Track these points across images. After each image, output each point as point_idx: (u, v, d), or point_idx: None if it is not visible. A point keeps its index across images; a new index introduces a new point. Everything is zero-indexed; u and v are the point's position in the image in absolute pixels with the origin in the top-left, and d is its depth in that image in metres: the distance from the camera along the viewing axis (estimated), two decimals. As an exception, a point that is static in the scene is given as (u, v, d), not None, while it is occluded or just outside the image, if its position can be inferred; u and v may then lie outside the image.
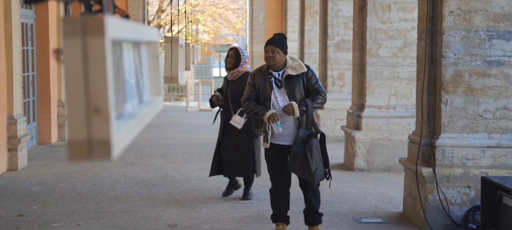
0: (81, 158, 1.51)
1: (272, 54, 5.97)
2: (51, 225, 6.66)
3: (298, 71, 5.96)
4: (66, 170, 9.74)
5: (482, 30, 6.44)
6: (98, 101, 1.51)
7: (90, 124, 1.51)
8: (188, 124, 16.95)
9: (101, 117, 1.51)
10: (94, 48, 1.50)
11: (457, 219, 6.53)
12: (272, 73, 6.02)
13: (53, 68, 12.68)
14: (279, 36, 6.14)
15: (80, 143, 1.51)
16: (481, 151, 6.53)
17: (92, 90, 1.51)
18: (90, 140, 1.51)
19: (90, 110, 1.51)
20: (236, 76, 7.50)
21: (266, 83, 6.00)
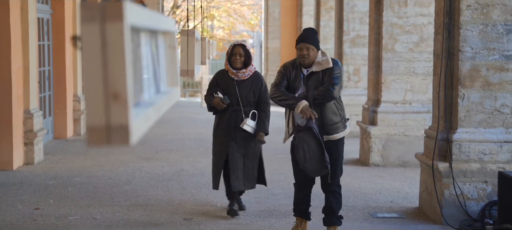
0: (100, 144, 1.50)
1: (307, 52, 5.73)
2: (67, 218, 6.69)
3: (322, 66, 5.74)
4: (82, 165, 9.78)
5: (500, 24, 6.39)
6: (117, 87, 1.50)
7: (108, 110, 1.51)
8: (202, 119, 16.96)
9: (119, 103, 1.50)
10: (113, 33, 1.50)
11: (474, 214, 6.49)
12: (301, 69, 5.84)
13: (69, 63, 12.73)
14: (311, 31, 5.89)
15: (99, 128, 1.50)
16: (498, 145, 6.49)
17: (111, 76, 1.51)
18: (109, 126, 1.51)
19: (109, 96, 1.51)
20: (247, 75, 6.70)
21: (297, 78, 5.81)
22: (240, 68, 6.68)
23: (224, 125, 6.71)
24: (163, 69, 2.65)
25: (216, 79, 6.83)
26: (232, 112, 6.68)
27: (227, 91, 6.69)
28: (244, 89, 6.68)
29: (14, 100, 9.33)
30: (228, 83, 6.72)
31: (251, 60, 6.75)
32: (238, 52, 6.67)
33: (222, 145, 6.72)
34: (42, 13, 11.60)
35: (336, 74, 5.75)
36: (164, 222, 6.54)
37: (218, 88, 6.74)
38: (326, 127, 5.74)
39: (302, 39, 5.76)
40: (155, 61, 2.46)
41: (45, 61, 11.90)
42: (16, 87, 9.43)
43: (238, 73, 6.68)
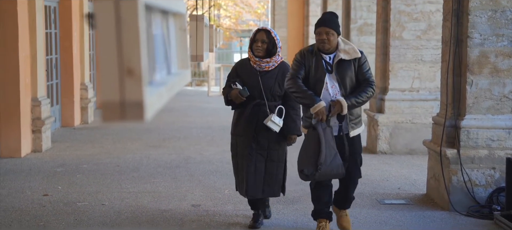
0: (114, 119, 1.51)
1: (327, 37, 5.29)
2: (75, 204, 6.72)
3: (351, 56, 5.32)
4: (90, 152, 9.81)
5: (509, 10, 6.36)
6: (131, 63, 1.51)
7: (123, 86, 1.51)
8: (209, 108, 16.99)
9: (134, 79, 1.51)
10: (127, 9, 1.50)
11: (481, 201, 6.49)
12: (321, 56, 5.38)
13: (76, 51, 12.75)
14: (331, 15, 5.42)
15: (113, 104, 1.51)
16: (506, 132, 6.48)
17: (125, 52, 1.51)
18: (123, 102, 1.51)
19: (123, 72, 1.51)
20: (272, 66, 5.76)
21: (318, 65, 5.34)
22: (263, 57, 5.75)
23: (244, 121, 5.78)
24: (173, 51, 2.66)
25: (236, 69, 5.93)
26: (254, 107, 5.75)
27: (248, 82, 5.78)
28: (269, 81, 5.75)
29: (21, 88, 9.36)
30: (250, 73, 5.80)
31: (276, 49, 5.75)
32: (261, 38, 5.73)
33: (242, 145, 5.81)
34: (49, 1, 11.61)
35: (369, 69, 5.44)
36: (172, 209, 6.56)
37: (237, 79, 5.83)
38: (350, 121, 5.41)
39: (322, 23, 5.33)
40: (166, 42, 2.47)
41: (52, 49, 11.92)
42: (24, 75, 9.45)
43: (260, 63, 5.75)
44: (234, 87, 5.76)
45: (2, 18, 9.17)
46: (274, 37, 5.75)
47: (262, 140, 5.74)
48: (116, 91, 1.51)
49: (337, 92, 5.33)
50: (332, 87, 5.34)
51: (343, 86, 5.32)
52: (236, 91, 5.73)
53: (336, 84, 5.34)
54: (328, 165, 5.25)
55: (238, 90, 5.72)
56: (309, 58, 5.39)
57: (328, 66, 5.34)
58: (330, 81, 5.34)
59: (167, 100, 2.00)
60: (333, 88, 5.34)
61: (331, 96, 5.32)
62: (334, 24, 5.31)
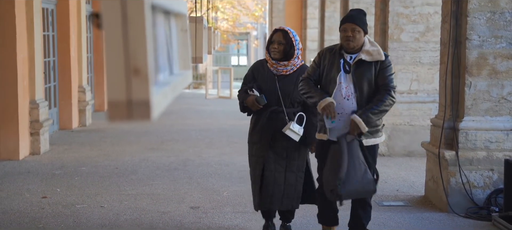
0: (121, 118, 1.51)
1: (352, 34, 4.87)
2: (74, 206, 6.71)
3: (373, 57, 4.88)
4: (88, 155, 9.81)
5: (508, 12, 6.38)
6: (138, 63, 1.51)
7: (129, 85, 1.51)
8: (207, 110, 16.99)
9: (140, 78, 1.51)
10: (134, 9, 1.51)
11: (480, 202, 6.50)
12: (343, 55, 4.97)
13: (74, 54, 12.74)
14: (359, 12, 4.98)
15: (120, 103, 1.51)
16: (504, 134, 6.49)
17: (132, 51, 1.51)
18: (130, 101, 1.52)
19: (130, 72, 1.51)
20: (291, 70, 5.36)
21: (334, 64, 4.96)
22: (280, 60, 5.36)
23: (260, 130, 5.40)
24: (175, 52, 2.66)
25: (252, 71, 5.52)
26: (271, 114, 5.36)
27: (265, 87, 5.38)
28: (287, 86, 5.34)
29: (19, 90, 9.35)
30: (267, 77, 5.40)
31: (294, 51, 5.34)
32: (277, 39, 5.33)
33: (258, 153, 5.42)
34: (46, 3, 11.61)
35: (391, 74, 4.97)
36: (171, 211, 6.56)
37: (254, 83, 5.44)
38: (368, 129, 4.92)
39: (348, 19, 4.92)
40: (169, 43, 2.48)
41: (50, 51, 11.91)
42: (22, 78, 9.45)
43: (277, 66, 5.36)
44: (251, 94, 5.35)
45: (0, 21, 9.16)
46: (292, 38, 5.33)
47: (280, 149, 5.31)
48: (122, 91, 1.52)
49: (351, 94, 4.90)
50: (346, 88, 4.91)
51: (359, 88, 4.88)
52: (253, 98, 5.32)
53: (351, 85, 4.91)
54: (359, 182, 4.83)
55: (255, 97, 5.30)
56: (326, 57, 5.03)
57: (347, 66, 4.93)
58: (344, 82, 4.92)
59: (171, 101, 2.00)
60: (347, 89, 4.91)
61: (343, 97, 4.90)
62: (361, 21, 4.89)
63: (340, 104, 4.89)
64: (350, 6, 12.20)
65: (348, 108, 4.89)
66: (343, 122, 4.89)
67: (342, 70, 4.91)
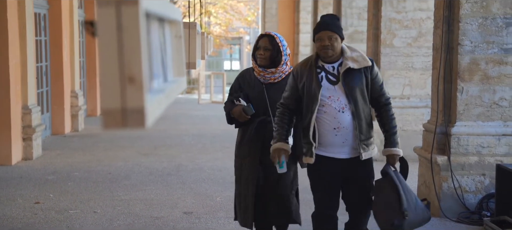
0: (115, 126, 1.52)
1: (330, 43, 4.42)
2: (67, 212, 6.71)
3: (360, 64, 4.46)
4: (81, 160, 9.80)
5: (499, 18, 6.42)
6: (132, 71, 1.52)
7: (124, 93, 1.52)
8: (200, 115, 17.00)
9: (135, 86, 1.52)
10: (129, 17, 1.52)
11: (471, 207, 6.53)
12: (322, 66, 4.51)
13: (66, 59, 12.73)
14: (332, 17, 4.54)
15: (114, 111, 1.52)
16: (496, 139, 6.52)
17: (126, 59, 1.52)
18: (124, 109, 1.52)
19: (124, 80, 1.52)
20: (280, 77, 5.01)
21: (312, 79, 4.48)
22: (267, 66, 4.99)
23: (248, 142, 5.04)
24: (169, 58, 2.67)
25: (238, 81, 5.17)
26: (259, 125, 4.99)
27: (252, 96, 5.04)
28: (275, 94, 4.93)
29: (12, 95, 9.34)
30: (254, 85, 5.06)
31: (281, 56, 4.97)
32: (263, 45, 4.96)
33: (247, 168, 5.05)
34: (38, 8, 11.60)
35: (383, 82, 4.64)
36: (164, 216, 6.56)
37: (241, 92, 5.09)
38: (361, 141, 4.48)
39: (322, 26, 4.45)
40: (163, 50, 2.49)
41: (43, 56, 11.90)
42: (14, 83, 9.43)
43: (264, 74, 4.99)
44: (237, 103, 4.99)
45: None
46: (278, 43, 4.96)
47: (270, 163, 4.77)
48: (117, 99, 1.52)
49: (344, 106, 4.44)
50: (338, 100, 4.45)
51: (352, 99, 4.43)
52: (240, 108, 4.95)
53: (343, 97, 4.45)
54: (414, 211, 4.59)
55: (242, 107, 4.93)
56: (303, 73, 4.56)
57: (332, 77, 4.48)
58: (334, 94, 4.45)
59: (166, 108, 2.01)
60: (339, 101, 4.45)
61: (338, 110, 4.44)
62: (336, 27, 4.46)
63: (336, 118, 4.44)
64: (343, 11, 12.24)
65: (345, 121, 4.44)
66: (341, 137, 4.46)
67: (326, 82, 4.46)
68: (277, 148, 4.57)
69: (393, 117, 4.62)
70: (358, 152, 4.49)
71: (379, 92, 4.57)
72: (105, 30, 1.53)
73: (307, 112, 4.51)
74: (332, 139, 4.47)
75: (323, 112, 4.44)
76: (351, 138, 4.47)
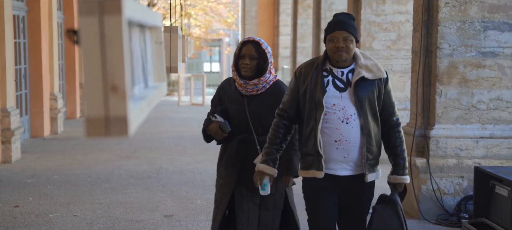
0: (98, 134, 1.53)
1: (345, 44, 3.91)
2: (47, 215, 6.67)
3: (375, 75, 3.95)
4: (60, 163, 9.75)
5: (477, 21, 6.49)
6: (115, 80, 1.53)
7: (107, 102, 1.53)
8: (180, 118, 16.98)
9: (118, 95, 1.53)
10: (111, 26, 1.53)
11: (450, 209, 6.60)
12: (330, 70, 4.00)
13: (45, 61, 12.65)
14: (348, 17, 4.01)
15: (97, 120, 1.53)
16: (474, 141, 6.59)
17: (109, 68, 1.53)
18: (107, 117, 1.53)
19: (107, 89, 1.53)
20: (263, 88, 4.38)
21: (317, 82, 3.96)
22: (251, 78, 4.35)
23: (227, 161, 4.44)
24: (150, 64, 2.68)
25: (219, 92, 4.57)
26: (240, 143, 4.39)
27: (232, 110, 4.43)
28: (258, 108, 4.34)
29: (-9, 98, 9.27)
30: (234, 99, 4.43)
31: (268, 65, 4.36)
32: (249, 53, 4.35)
33: (226, 189, 4.45)
34: (17, 11, 11.52)
35: (393, 98, 4.11)
36: (145, 219, 6.55)
37: (220, 106, 4.49)
38: (367, 161, 3.97)
39: (338, 25, 3.95)
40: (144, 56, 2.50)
41: (21, 59, 11.82)
42: (-7, 85, 9.36)
43: (246, 86, 4.36)
44: (214, 120, 4.41)
45: (-29, 28, 9.08)
46: (265, 50, 4.37)
47: (253, 184, 4.22)
48: (100, 107, 1.53)
49: (349, 116, 3.92)
50: (343, 109, 3.92)
51: (362, 111, 3.91)
52: (216, 125, 4.36)
53: (349, 106, 3.93)
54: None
55: (218, 124, 4.36)
56: (307, 75, 4.03)
57: (339, 83, 3.96)
58: (340, 102, 3.93)
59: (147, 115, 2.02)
60: (343, 111, 3.92)
61: (341, 121, 3.92)
62: (353, 28, 3.96)
63: (338, 130, 3.91)
64: (322, 14, 12.30)
65: (349, 134, 3.92)
66: (343, 151, 3.93)
67: (332, 88, 3.94)
68: (260, 170, 4.07)
69: (402, 140, 4.11)
70: (361, 170, 3.98)
71: (389, 110, 4.04)
72: (88, 39, 1.54)
73: (309, 119, 3.98)
74: (332, 153, 3.93)
75: (325, 121, 3.92)
76: (355, 154, 3.94)
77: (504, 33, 6.48)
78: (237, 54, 4.41)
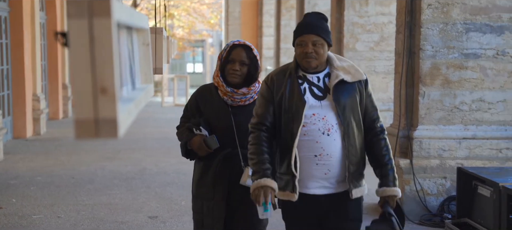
0: (88, 136, 1.54)
1: (314, 49, 3.46)
2: (31, 217, 6.65)
3: (354, 77, 3.53)
4: (43, 164, 9.70)
5: (460, 23, 6.55)
6: (105, 82, 1.54)
7: (96, 104, 1.54)
8: (164, 118, 16.95)
9: (107, 97, 1.54)
10: (101, 29, 1.54)
11: (433, 209, 6.64)
12: (304, 76, 3.55)
13: (28, 62, 12.58)
14: (318, 17, 3.56)
15: (87, 122, 1.54)
16: (457, 142, 6.65)
17: (99, 70, 1.54)
18: (97, 119, 1.54)
19: (97, 91, 1.54)
20: (251, 98, 3.91)
21: (293, 91, 3.50)
22: (239, 85, 3.87)
23: (212, 180, 3.89)
24: (137, 66, 2.69)
25: (196, 100, 4.01)
26: (224, 160, 3.88)
27: (216, 122, 3.90)
28: (246, 120, 3.72)
29: (-27, 99, 9.21)
30: (218, 109, 3.91)
31: (258, 73, 3.92)
32: (239, 58, 3.85)
33: (212, 214, 3.91)
34: None
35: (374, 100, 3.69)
36: (129, 221, 6.54)
37: (200, 117, 3.93)
38: (349, 174, 3.52)
39: (306, 28, 3.50)
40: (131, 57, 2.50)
41: (3, 59, 11.75)
42: (-25, 86, 9.30)
43: (234, 95, 3.86)
44: (197, 133, 3.85)
45: (-47, 29, 9.02)
46: (256, 55, 3.90)
47: (240, 205, 3.85)
48: (90, 109, 1.54)
49: (331, 127, 3.49)
50: (323, 119, 3.49)
51: (344, 119, 3.48)
52: (200, 139, 3.82)
53: (330, 115, 3.50)
54: None
55: (203, 139, 3.82)
56: (280, 83, 3.56)
57: (317, 90, 3.53)
58: (320, 112, 3.49)
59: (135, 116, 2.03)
60: (324, 121, 3.48)
61: (322, 132, 3.48)
62: (323, 30, 3.49)
63: (319, 143, 3.47)
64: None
65: (330, 147, 3.48)
66: (324, 167, 3.48)
67: (310, 96, 3.50)
68: (262, 185, 3.47)
69: (388, 148, 3.66)
70: (345, 187, 3.54)
71: (372, 116, 3.62)
72: (78, 42, 1.55)
73: (285, 134, 3.53)
74: (311, 170, 3.48)
75: (303, 134, 3.47)
76: (337, 169, 3.50)
77: (486, 35, 6.54)
78: (225, 58, 3.88)
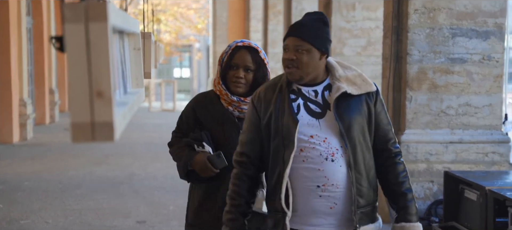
0: (85, 140, 1.56)
1: (296, 56, 2.84)
2: (18, 222, 6.63)
3: (360, 88, 2.91)
4: (31, 169, 9.67)
5: (446, 28, 6.60)
6: (101, 86, 1.56)
7: (93, 107, 1.56)
8: (151, 123, 16.94)
9: (103, 101, 1.56)
10: (97, 33, 1.56)
11: (420, 213, 6.68)
12: (298, 90, 2.92)
13: (14, 66, 12.54)
14: (314, 19, 2.89)
15: (83, 125, 1.56)
16: (444, 146, 6.70)
17: (95, 74, 1.56)
18: (93, 123, 1.56)
19: (93, 94, 1.56)
20: None
21: (284, 109, 2.87)
22: (245, 94, 3.30)
23: (221, 206, 3.07)
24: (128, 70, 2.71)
25: (193, 110, 3.42)
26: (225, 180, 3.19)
27: (220, 136, 3.33)
28: None
29: (-40, 104, 9.17)
30: (223, 121, 3.33)
31: (267, 79, 3.30)
32: (243, 63, 3.31)
33: None
34: (-13, 16, 11.42)
35: (386, 109, 3.07)
36: (117, 225, 6.54)
37: (199, 131, 3.34)
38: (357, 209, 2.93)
39: (291, 30, 2.91)
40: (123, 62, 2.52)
41: (-9, 65, 11.70)
42: (-38, 91, 9.27)
43: (241, 105, 3.30)
44: (200, 151, 3.26)
45: None
46: (264, 59, 3.35)
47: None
48: (86, 113, 1.56)
49: (335, 151, 2.86)
50: (325, 141, 2.85)
51: (350, 141, 2.86)
52: (203, 159, 3.22)
53: (333, 137, 2.87)
54: None
55: (207, 157, 3.22)
56: (269, 102, 2.92)
57: (314, 106, 2.90)
58: (320, 133, 2.86)
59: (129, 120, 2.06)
60: (326, 143, 2.85)
61: (325, 158, 2.85)
62: (312, 34, 2.85)
63: (321, 171, 2.84)
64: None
65: (335, 175, 2.86)
66: (329, 200, 2.87)
67: (304, 113, 2.88)
68: None
69: (406, 174, 3.11)
70: (353, 225, 2.94)
71: (386, 135, 3.00)
72: (74, 46, 1.57)
73: (275, 162, 2.89)
74: (314, 203, 2.87)
75: (301, 160, 2.85)
76: (343, 202, 2.89)
77: (472, 40, 6.60)
78: (226, 62, 3.33)
